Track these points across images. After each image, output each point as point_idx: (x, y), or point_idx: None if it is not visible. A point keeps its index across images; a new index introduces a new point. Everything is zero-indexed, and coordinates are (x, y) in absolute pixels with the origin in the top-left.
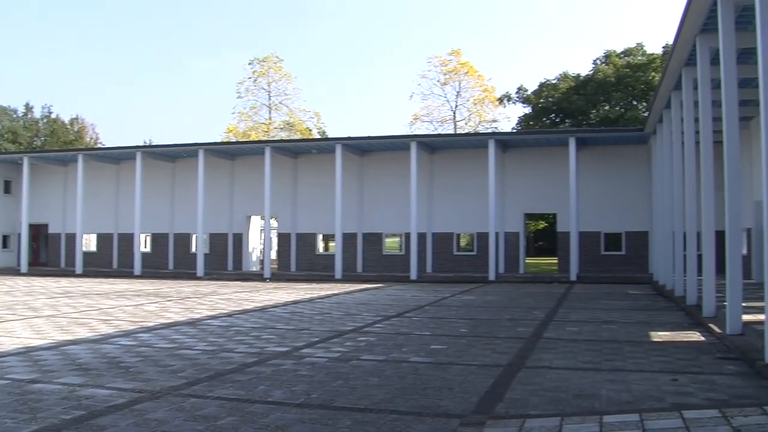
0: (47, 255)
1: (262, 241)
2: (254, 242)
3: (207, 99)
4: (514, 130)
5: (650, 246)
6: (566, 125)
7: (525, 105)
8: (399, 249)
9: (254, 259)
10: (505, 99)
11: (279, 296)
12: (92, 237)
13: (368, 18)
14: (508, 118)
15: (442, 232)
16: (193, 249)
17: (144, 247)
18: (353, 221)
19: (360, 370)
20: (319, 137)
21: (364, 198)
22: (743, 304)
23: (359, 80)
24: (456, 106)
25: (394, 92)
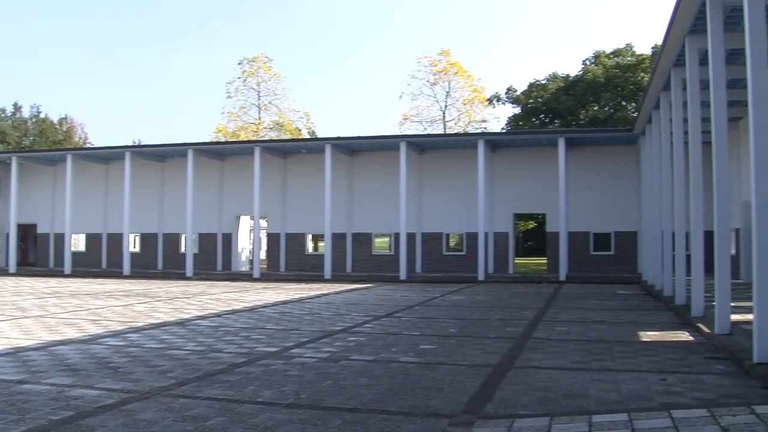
0: (36, 255)
1: (252, 241)
2: (243, 242)
3: (196, 99)
4: (504, 131)
5: (639, 246)
6: (555, 125)
7: (514, 105)
8: (388, 249)
9: (243, 259)
10: (495, 99)
11: (268, 296)
12: (81, 237)
13: (358, 18)
14: (498, 119)
15: (432, 232)
16: (183, 249)
17: (133, 247)
18: (343, 221)
19: (349, 370)
20: (309, 137)
21: (354, 198)
22: (732, 304)
23: (349, 80)
24: (445, 107)
25: (384, 92)
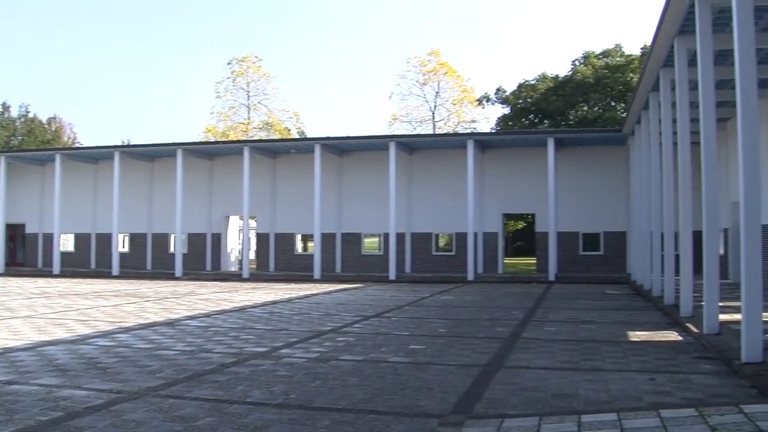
0: (24, 255)
1: (241, 241)
2: (233, 242)
3: (185, 99)
4: (493, 131)
5: (628, 246)
6: (545, 126)
7: (504, 106)
8: (378, 249)
9: (233, 260)
10: (484, 100)
11: (257, 296)
12: (70, 237)
13: (347, 18)
14: (487, 119)
15: (421, 232)
16: (172, 249)
17: (122, 247)
18: (332, 221)
19: (339, 371)
20: (298, 137)
21: (343, 198)
22: (720, 304)
23: (338, 80)
24: (435, 107)
25: (373, 92)
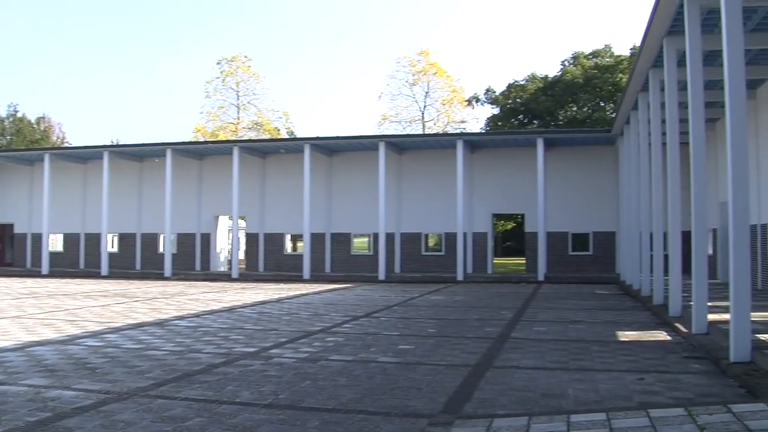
0: (12, 255)
1: (230, 242)
2: (222, 242)
3: (175, 99)
4: (483, 131)
5: (617, 246)
6: (534, 126)
7: (493, 106)
8: (367, 249)
9: (222, 260)
10: (474, 100)
11: (247, 296)
12: (59, 237)
13: (337, 18)
14: (477, 119)
15: (411, 233)
16: (161, 249)
17: (111, 248)
18: (321, 221)
19: (328, 371)
20: (288, 137)
21: (333, 198)
22: (709, 304)
23: (328, 80)
24: (424, 107)
25: (363, 92)
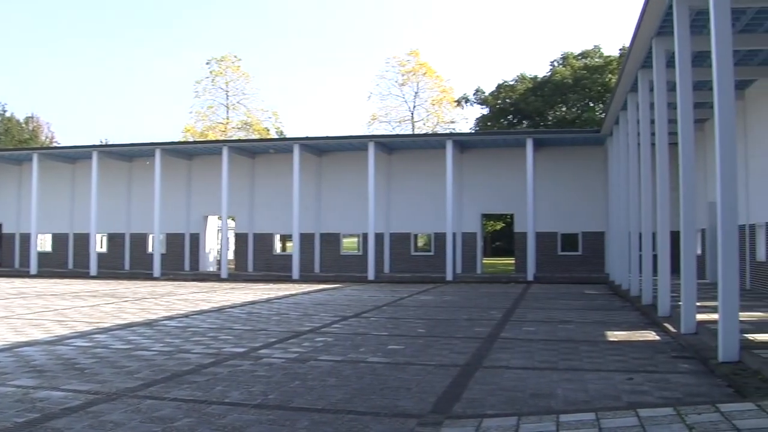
0: (1, 255)
1: (219, 242)
2: (211, 242)
3: (164, 98)
4: (472, 131)
5: (606, 246)
6: (523, 126)
7: (482, 106)
8: (357, 249)
9: (211, 260)
10: (463, 101)
11: (236, 297)
12: (47, 237)
13: (326, 17)
14: (466, 119)
15: (400, 233)
16: (150, 249)
17: (100, 248)
18: (311, 221)
19: (317, 371)
20: (277, 137)
21: (322, 198)
22: (697, 304)
23: (317, 80)
24: (414, 107)
25: (352, 92)
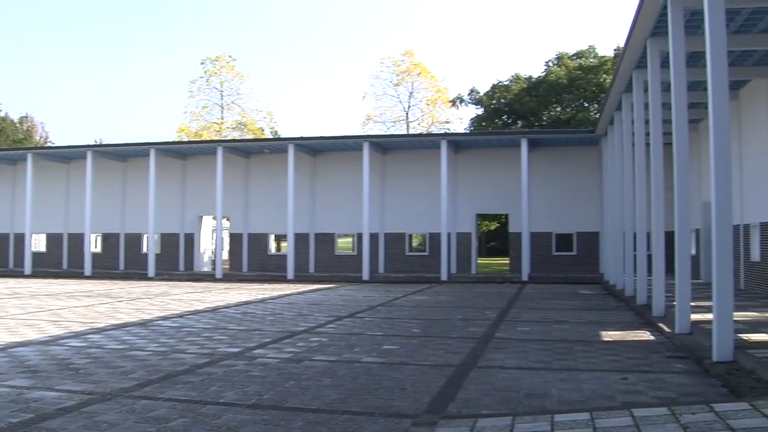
0: None
1: (214, 242)
2: (206, 242)
3: (159, 98)
4: (467, 131)
5: (601, 246)
6: (518, 126)
7: (477, 106)
8: (351, 249)
9: (206, 260)
10: (458, 101)
11: (231, 297)
12: (41, 237)
13: (321, 18)
14: (461, 119)
15: (395, 233)
16: (144, 249)
17: (94, 248)
18: (305, 221)
19: (312, 371)
20: (272, 137)
21: (317, 198)
22: (692, 304)
23: (312, 80)
24: (409, 107)
25: (347, 92)
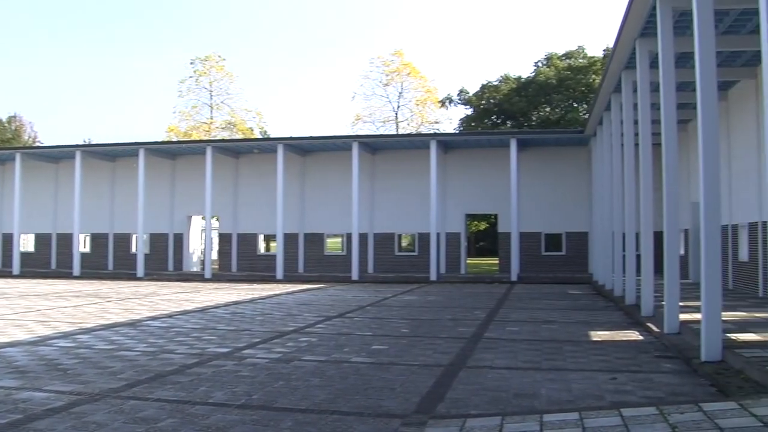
0: None
1: (203, 242)
2: (195, 242)
3: (148, 98)
4: (456, 131)
5: (590, 246)
6: (507, 127)
7: (467, 107)
8: (341, 249)
9: (195, 260)
10: (447, 101)
11: (220, 297)
12: (30, 237)
13: (310, 17)
14: (450, 120)
15: (384, 233)
16: (133, 249)
17: (83, 248)
18: (295, 221)
19: (301, 371)
20: (261, 137)
21: (306, 198)
22: (680, 304)
23: (301, 80)
24: (398, 107)
25: (337, 92)
